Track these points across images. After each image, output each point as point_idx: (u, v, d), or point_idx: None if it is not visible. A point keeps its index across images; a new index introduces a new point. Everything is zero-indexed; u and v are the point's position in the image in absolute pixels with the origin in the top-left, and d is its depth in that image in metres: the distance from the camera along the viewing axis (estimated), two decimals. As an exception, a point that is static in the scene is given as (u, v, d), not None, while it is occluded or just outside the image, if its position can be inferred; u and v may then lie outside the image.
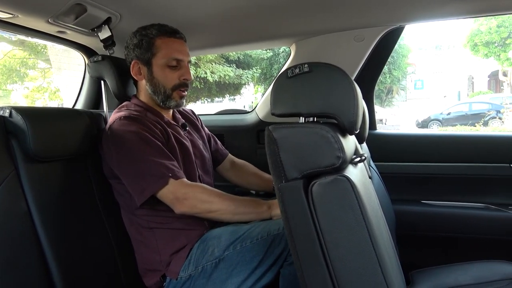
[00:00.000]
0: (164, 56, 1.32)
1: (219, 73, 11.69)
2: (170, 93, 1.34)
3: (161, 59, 1.32)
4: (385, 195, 1.49)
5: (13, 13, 1.29)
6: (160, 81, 1.33)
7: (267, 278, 1.18)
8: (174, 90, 1.35)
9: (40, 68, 11.27)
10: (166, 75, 1.33)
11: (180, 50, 1.34)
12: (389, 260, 0.84)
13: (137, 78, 1.37)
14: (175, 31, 1.34)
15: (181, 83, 1.35)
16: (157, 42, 1.32)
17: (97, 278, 1.25)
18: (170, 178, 1.18)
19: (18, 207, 1.10)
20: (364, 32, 1.64)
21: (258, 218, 1.24)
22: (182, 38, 1.36)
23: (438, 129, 12.60)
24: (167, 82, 1.33)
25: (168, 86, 1.34)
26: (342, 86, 0.83)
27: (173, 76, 1.34)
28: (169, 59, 1.32)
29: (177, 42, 1.34)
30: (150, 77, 1.34)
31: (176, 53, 1.33)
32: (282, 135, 0.83)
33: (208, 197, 1.22)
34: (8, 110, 1.13)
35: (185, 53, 1.35)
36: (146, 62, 1.34)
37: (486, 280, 1.18)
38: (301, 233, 0.81)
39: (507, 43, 14.67)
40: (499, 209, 1.62)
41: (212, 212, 1.22)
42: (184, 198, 1.19)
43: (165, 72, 1.33)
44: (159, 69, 1.33)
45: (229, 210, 1.22)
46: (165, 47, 1.32)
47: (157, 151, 1.21)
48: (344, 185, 0.78)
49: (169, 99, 1.35)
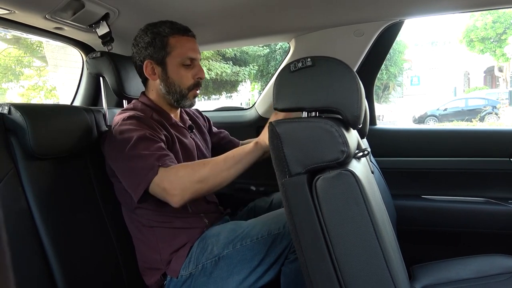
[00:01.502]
0: (179, 55, 1.29)
1: (216, 70, 11.66)
2: (186, 93, 1.32)
3: (176, 58, 1.29)
4: (386, 190, 1.49)
5: (10, 9, 1.27)
6: (175, 81, 1.31)
7: (268, 276, 1.18)
8: (190, 90, 1.33)
9: (36, 66, 11.20)
10: (182, 75, 1.30)
11: (194, 48, 1.32)
12: (393, 255, 0.84)
13: (151, 78, 1.32)
14: (188, 29, 1.32)
15: (196, 82, 1.33)
16: (171, 40, 1.28)
17: (99, 276, 1.24)
18: (159, 168, 1.11)
19: (18, 205, 1.09)
20: (364, 26, 1.63)
21: (253, 158, 1.15)
22: (194, 36, 1.34)
23: (435, 124, 12.64)
24: (182, 82, 1.31)
25: (184, 86, 1.31)
26: (346, 80, 0.82)
27: (188, 76, 1.31)
28: (184, 58, 1.29)
29: (190, 40, 1.32)
30: (165, 76, 1.31)
31: (191, 51, 1.30)
32: (286, 130, 0.82)
33: (192, 169, 1.12)
34: (7, 107, 1.12)
35: (198, 51, 1.34)
36: (160, 62, 1.30)
37: (486, 274, 1.19)
38: (306, 228, 0.81)
39: (502, 39, 14.73)
40: (499, 203, 1.62)
41: (204, 180, 1.11)
42: (170, 187, 1.09)
43: (180, 71, 1.30)
44: (174, 69, 1.30)
45: (220, 169, 1.12)
46: (180, 45, 1.29)
47: (153, 146, 1.16)
48: (349, 179, 0.78)
49: (184, 99, 1.33)
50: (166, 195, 1.11)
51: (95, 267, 1.24)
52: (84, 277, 1.19)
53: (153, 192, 1.13)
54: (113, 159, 1.22)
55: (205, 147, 1.47)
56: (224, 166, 1.13)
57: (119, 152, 1.17)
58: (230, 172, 1.13)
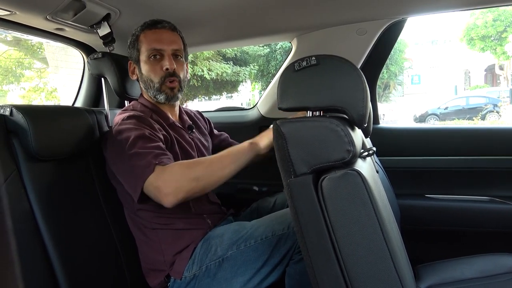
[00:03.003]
0: (146, 49, 1.29)
1: (216, 70, 11.65)
2: (159, 87, 1.30)
3: (144, 53, 1.30)
4: (390, 189, 1.48)
5: (11, 10, 1.27)
6: (147, 76, 1.30)
7: (273, 277, 1.18)
8: (162, 83, 1.30)
9: (36, 68, 11.21)
10: (150, 68, 1.29)
11: (159, 39, 1.28)
12: (400, 255, 0.83)
13: (132, 77, 1.37)
14: (156, 22, 1.29)
15: (166, 74, 1.29)
16: (141, 37, 1.30)
17: (101, 278, 1.24)
18: (156, 166, 1.07)
19: (21, 207, 1.08)
20: (367, 25, 1.62)
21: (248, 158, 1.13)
22: (165, 26, 1.30)
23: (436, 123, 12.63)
24: (152, 75, 1.29)
25: (155, 79, 1.29)
26: (351, 79, 0.81)
27: (157, 69, 1.29)
28: (149, 51, 1.28)
29: (158, 32, 1.29)
30: (140, 74, 1.33)
31: (155, 43, 1.28)
32: (291, 130, 0.81)
33: (187, 167, 1.09)
34: (8, 109, 1.11)
35: (165, 41, 1.29)
36: (136, 61, 1.33)
37: (491, 274, 1.18)
38: (312, 229, 0.80)
39: (503, 37, 14.72)
40: (504, 202, 1.61)
41: (200, 179, 1.08)
42: (164, 186, 1.05)
43: (149, 65, 1.29)
44: (144, 64, 1.30)
45: (215, 167, 1.10)
46: (145, 40, 1.29)
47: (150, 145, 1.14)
48: (355, 179, 0.77)
49: (159, 93, 1.30)
50: (159, 194, 1.06)
51: (98, 268, 1.23)
52: (86, 279, 1.19)
53: (147, 192, 1.09)
54: (113, 160, 1.21)
55: (205, 148, 1.46)
56: (219, 165, 1.11)
57: (118, 153, 1.17)
58: (224, 172, 1.11)
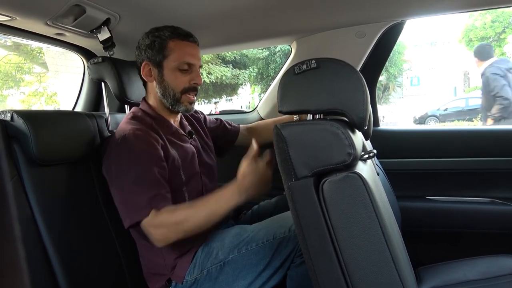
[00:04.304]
0: (176, 59, 1.28)
1: (216, 73, 11.67)
2: (179, 97, 1.31)
3: (173, 62, 1.28)
4: (391, 192, 1.48)
5: (11, 15, 1.27)
6: (170, 84, 1.30)
7: (274, 281, 1.17)
8: (183, 93, 1.31)
9: (36, 72, 11.22)
10: (177, 78, 1.30)
11: (193, 54, 1.31)
12: (402, 257, 0.83)
13: (147, 79, 1.33)
14: (189, 34, 1.31)
15: (191, 87, 1.32)
16: (170, 44, 1.28)
17: (103, 282, 1.23)
18: (152, 210, 1.12)
19: (22, 212, 1.08)
20: (366, 28, 1.63)
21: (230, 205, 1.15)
22: (196, 42, 1.32)
23: (436, 125, 12.62)
24: (176, 85, 1.30)
25: (178, 89, 1.30)
26: (351, 82, 0.82)
27: (184, 80, 1.30)
28: (181, 63, 1.28)
29: (190, 45, 1.31)
30: (161, 79, 1.31)
31: (189, 57, 1.29)
32: (291, 133, 0.82)
33: (176, 220, 1.14)
34: (9, 114, 1.11)
35: (197, 57, 1.32)
36: (157, 64, 1.30)
37: (493, 275, 1.17)
38: (313, 232, 0.80)
39: (501, 38, 14.73)
40: (504, 203, 1.61)
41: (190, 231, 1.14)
42: (154, 233, 1.12)
43: (176, 75, 1.29)
44: (170, 72, 1.29)
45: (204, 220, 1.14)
46: (178, 50, 1.28)
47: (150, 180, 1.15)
48: (356, 182, 0.77)
49: (178, 103, 1.32)
50: (150, 237, 1.13)
51: (99, 273, 1.23)
52: (88, 283, 1.18)
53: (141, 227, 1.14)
54: (109, 175, 1.21)
55: (207, 152, 1.46)
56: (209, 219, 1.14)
57: (115, 174, 1.18)
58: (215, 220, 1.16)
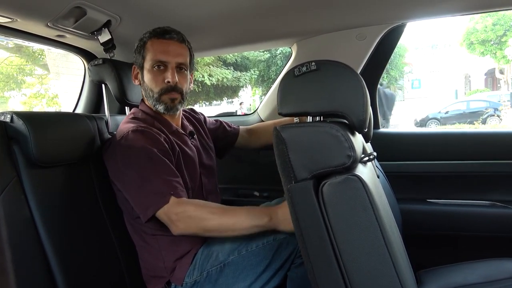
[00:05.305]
0: (151, 58, 1.28)
1: (217, 76, 11.68)
2: (158, 97, 1.29)
3: (148, 62, 1.29)
4: (391, 194, 1.48)
5: (12, 17, 1.27)
6: (148, 85, 1.30)
7: (274, 282, 1.17)
8: (162, 94, 1.29)
9: (38, 74, 11.25)
10: (152, 79, 1.29)
11: (166, 51, 1.27)
12: (402, 261, 0.82)
13: (135, 82, 1.37)
14: (166, 31, 1.28)
15: (167, 86, 1.28)
16: (147, 44, 1.29)
17: (102, 284, 1.23)
18: (171, 196, 1.13)
19: (21, 214, 1.08)
20: (366, 30, 1.63)
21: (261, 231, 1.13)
22: (174, 38, 1.29)
23: (437, 127, 12.61)
24: (153, 85, 1.29)
25: (155, 90, 1.29)
26: (351, 84, 0.82)
27: (159, 80, 1.28)
28: (154, 61, 1.27)
29: (165, 42, 1.28)
30: (142, 81, 1.33)
31: (161, 54, 1.27)
32: (291, 135, 0.81)
33: (202, 215, 1.14)
34: (9, 115, 1.11)
35: (172, 54, 1.28)
36: (140, 67, 1.32)
37: (494, 279, 1.16)
38: (312, 234, 0.80)
39: (503, 41, 14.73)
40: (505, 207, 1.60)
41: (210, 231, 1.15)
42: (177, 220, 1.12)
43: (152, 75, 1.29)
44: (147, 73, 1.30)
45: (228, 228, 1.13)
46: (152, 49, 1.28)
47: (162, 169, 1.17)
48: (356, 184, 0.77)
49: (158, 103, 1.30)
50: (170, 223, 1.14)
51: (98, 275, 1.23)
52: (87, 285, 1.18)
53: (158, 216, 1.15)
54: (118, 176, 1.21)
55: (207, 152, 1.46)
56: (233, 228, 1.13)
57: (126, 171, 1.18)
58: (233, 234, 1.14)
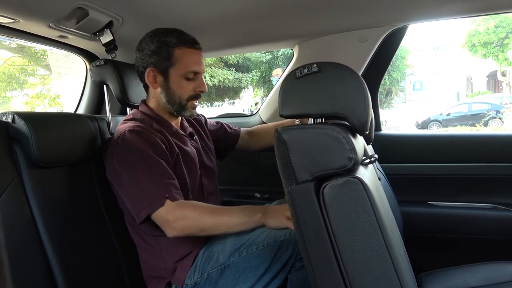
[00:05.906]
0: (183, 68, 1.29)
1: (219, 77, 11.69)
2: (185, 104, 1.33)
3: (180, 70, 1.29)
4: (392, 196, 1.48)
5: (14, 18, 1.27)
6: (176, 92, 1.31)
7: (274, 284, 1.17)
8: (189, 100, 1.33)
9: (40, 74, 11.28)
10: (183, 86, 1.31)
11: (198, 62, 1.32)
12: (402, 263, 0.82)
13: (151, 86, 1.33)
14: (195, 42, 1.32)
15: (196, 94, 1.34)
16: (177, 52, 1.28)
17: (102, 285, 1.23)
18: (166, 200, 1.14)
19: (22, 214, 1.08)
20: (368, 32, 1.63)
21: (254, 226, 1.19)
22: (200, 48, 1.34)
23: (438, 130, 12.59)
24: (182, 93, 1.31)
25: (184, 97, 1.32)
26: (353, 86, 0.81)
27: (189, 88, 1.32)
28: (187, 72, 1.30)
29: (196, 53, 1.31)
30: (166, 86, 1.31)
31: (195, 65, 1.31)
32: (292, 137, 0.81)
33: (199, 216, 1.16)
34: (10, 116, 1.12)
35: (202, 64, 1.34)
36: (163, 71, 1.30)
37: (496, 282, 1.16)
38: (313, 237, 0.80)
39: (505, 43, 14.70)
40: (507, 209, 1.60)
41: (206, 230, 1.17)
42: (173, 221, 1.13)
43: (182, 83, 1.30)
44: (176, 80, 1.30)
45: (223, 225, 1.17)
46: (185, 58, 1.29)
47: (158, 171, 1.17)
48: (357, 186, 0.76)
49: (184, 110, 1.34)
50: (166, 226, 1.15)
51: (99, 275, 1.23)
52: (87, 285, 1.18)
53: (153, 219, 1.16)
54: (115, 178, 1.21)
55: (207, 153, 1.47)
56: (227, 224, 1.17)
57: (122, 172, 1.18)
58: (229, 231, 1.19)
